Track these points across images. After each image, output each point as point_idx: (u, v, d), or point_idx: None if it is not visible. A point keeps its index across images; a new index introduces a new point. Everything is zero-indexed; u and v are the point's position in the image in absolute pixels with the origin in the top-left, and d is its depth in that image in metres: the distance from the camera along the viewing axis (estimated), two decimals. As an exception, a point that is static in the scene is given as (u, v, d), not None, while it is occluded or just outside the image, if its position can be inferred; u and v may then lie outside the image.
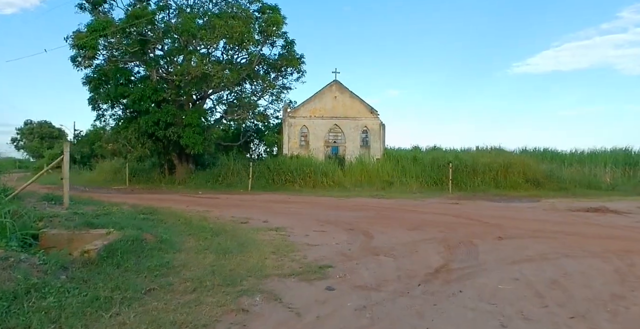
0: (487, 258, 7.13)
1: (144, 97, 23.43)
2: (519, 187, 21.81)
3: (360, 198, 18.54)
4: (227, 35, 21.83)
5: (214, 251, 7.27)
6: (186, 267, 6.26)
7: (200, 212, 12.71)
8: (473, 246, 8.06)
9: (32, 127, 68.34)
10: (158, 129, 24.11)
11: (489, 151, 28.84)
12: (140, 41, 23.64)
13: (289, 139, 26.37)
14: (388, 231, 9.66)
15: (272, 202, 16.52)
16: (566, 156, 28.70)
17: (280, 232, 9.45)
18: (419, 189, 21.98)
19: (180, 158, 26.98)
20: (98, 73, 25.06)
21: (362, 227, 10.13)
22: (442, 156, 25.25)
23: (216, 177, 24.90)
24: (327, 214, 12.63)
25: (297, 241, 8.56)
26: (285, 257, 7.14)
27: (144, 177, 28.47)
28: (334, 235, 9.27)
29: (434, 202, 17.15)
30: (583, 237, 9.01)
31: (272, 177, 23.75)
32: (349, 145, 26.69)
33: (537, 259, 7.04)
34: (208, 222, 10.52)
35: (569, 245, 8.20)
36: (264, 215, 12.37)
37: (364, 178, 23.65)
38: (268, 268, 6.39)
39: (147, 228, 8.41)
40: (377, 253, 7.58)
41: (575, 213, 13.23)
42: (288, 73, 28.29)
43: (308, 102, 26.74)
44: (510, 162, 23.23)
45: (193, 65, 21.93)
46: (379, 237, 9.03)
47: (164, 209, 12.76)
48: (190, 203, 15.91)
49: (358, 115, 26.67)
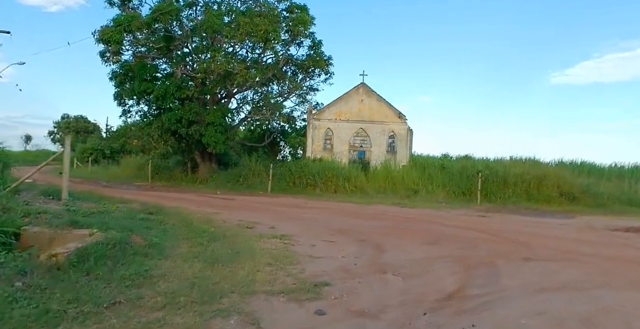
0: (510, 283, 6.22)
1: (167, 94, 23.19)
2: (553, 201, 20.43)
3: (381, 206, 17.67)
4: (251, 33, 21.33)
5: (203, 259, 6.63)
6: (165, 277, 5.63)
7: (208, 214, 12.14)
8: (495, 267, 7.16)
9: (68, 122, 70.05)
10: (180, 127, 23.83)
11: (522, 161, 27.32)
12: (165, 37, 23.45)
13: (313, 142, 25.62)
14: (403, 245, 8.82)
15: (288, 207, 15.85)
16: (605, 170, 26.86)
17: (284, 241, 8.74)
18: (445, 198, 20.89)
19: (203, 157, 26.67)
20: (124, 68, 25.02)
21: (375, 239, 9.33)
22: (471, 165, 23.98)
23: (237, 178, 24.38)
24: (341, 222, 11.86)
25: (300, 251, 7.84)
26: (281, 270, 6.43)
27: (166, 174, 28.30)
28: (343, 246, 8.51)
29: (459, 213, 16.13)
30: (623, 263, 7.96)
31: (293, 180, 23.06)
32: (374, 150, 25.75)
33: (569, 288, 6.10)
34: (211, 225, 9.91)
35: (607, 271, 7.20)
36: (274, 220, 11.71)
37: (388, 185, 22.67)
38: (257, 283, 5.70)
39: (139, 230, 7.85)
40: (385, 270, 6.78)
41: (614, 233, 12.01)
42: (315, 74, 27.85)
43: (333, 105, 25.93)
44: (544, 174, 21.82)
45: (217, 63, 21.50)
46: (392, 251, 8.21)
47: (171, 209, 12.26)
48: (202, 204, 15.40)
49: (385, 119, 25.73)
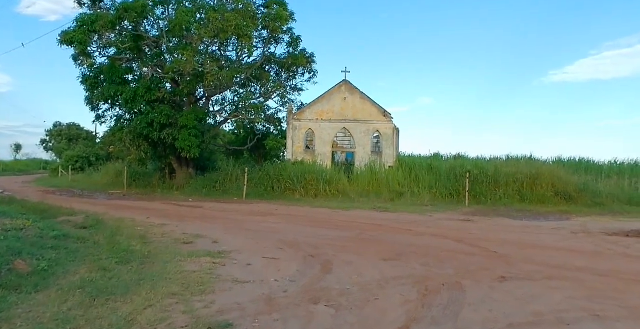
0: (472, 316, 4.82)
1: (136, 96, 21.81)
2: (547, 201, 19.00)
3: (359, 211, 16.27)
4: (222, 28, 19.94)
5: (89, 290, 5.26)
6: (12, 321, 4.25)
7: (152, 227, 10.77)
8: (460, 291, 5.75)
9: (60, 129, 68.58)
10: (152, 131, 22.42)
11: (517, 160, 25.82)
12: (134, 37, 22.09)
13: (293, 143, 24.17)
14: (356, 261, 7.41)
15: (254, 214, 14.44)
16: (604, 167, 25.36)
17: (216, 259, 7.36)
18: (432, 201, 19.45)
19: (179, 162, 25.27)
20: (94, 71, 23.67)
21: (327, 254, 7.92)
22: (460, 165, 22.51)
23: (213, 184, 23.00)
24: (299, 233, 10.44)
25: (227, 273, 6.46)
26: (182, 303, 5.05)
27: (144, 181, 26.94)
28: (284, 265, 7.12)
29: (442, 217, 14.72)
30: (620, 281, 6.52)
31: (271, 184, 21.62)
32: (358, 150, 24.28)
33: (546, 324, 4.68)
34: (141, 241, 8.54)
35: (600, 294, 5.78)
36: (224, 232, 10.33)
37: (372, 187, 21.23)
38: (134, 327, 4.31)
39: (34, 252, 6.50)
40: (318, 298, 5.39)
41: (612, 238, 10.56)
42: (299, 73, 26.54)
43: (314, 104, 24.48)
44: (538, 173, 20.33)
45: (186, 61, 20.10)
46: (339, 270, 6.81)
47: (113, 222, 10.94)
48: (158, 213, 14.00)
49: (369, 118, 24.29)
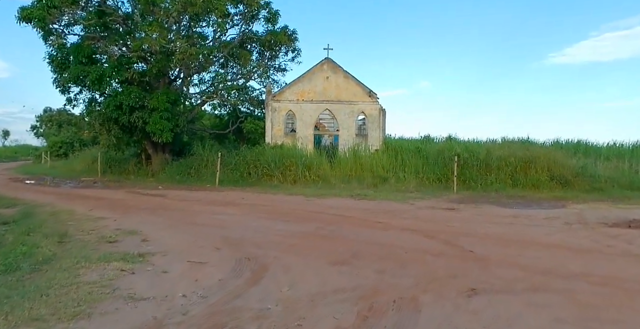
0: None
1: (104, 77, 20.28)
2: (542, 186, 17.64)
3: (335, 199, 14.91)
4: (190, 1, 18.33)
5: None
6: None
7: (86, 221, 9.42)
8: (414, 312, 4.41)
9: (51, 115, 67.05)
10: (121, 114, 20.93)
11: (512, 143, 24.35)
12: (98, 13, 20.44)
13: (273, 126, 22.66)
14: (297, 267, 6.06)
15: (213, 205, 13.04)
16: (603, 150, 23.95)
17: (129, 265, 6.02)
18: (418, 187, 18.09)
19: (155, 147, 23.81)
20: (61, 51, 22.01)
21: (268, 256, 6.57)
22: (450, 148, 21.10)
23: (188, 170, 21.62)
24: (250, 228, 9.05)
25: (128, 287, 5.12)
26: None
27: (119, 168, 25.62)
28: (207, 272, 5.79)
29: (424, 206, 13.38)
30: (624, 292, 5.17)
31: (247, 170, 20.25)
32: (342, 133, 22.79)
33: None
34: (55, 240, 7.26)
35: (597, 314, 4.43)
36: (164, 228, 8.97)
37: (355, 172, 19.83)
38: None
39: None
40: (224, 325, 4.06)
41: (612, 231, 9.21)
42: (282, 52, 25.04)
43: (295, 84, 22.86)
44: (532, 156, 18.92)
45: (153, 39, 18.54)
46: (271, 280, 5.47)
47: (46, 215, 9.64)
48: (109, 204, 12.62)
49: (354, 99, 22.74)
